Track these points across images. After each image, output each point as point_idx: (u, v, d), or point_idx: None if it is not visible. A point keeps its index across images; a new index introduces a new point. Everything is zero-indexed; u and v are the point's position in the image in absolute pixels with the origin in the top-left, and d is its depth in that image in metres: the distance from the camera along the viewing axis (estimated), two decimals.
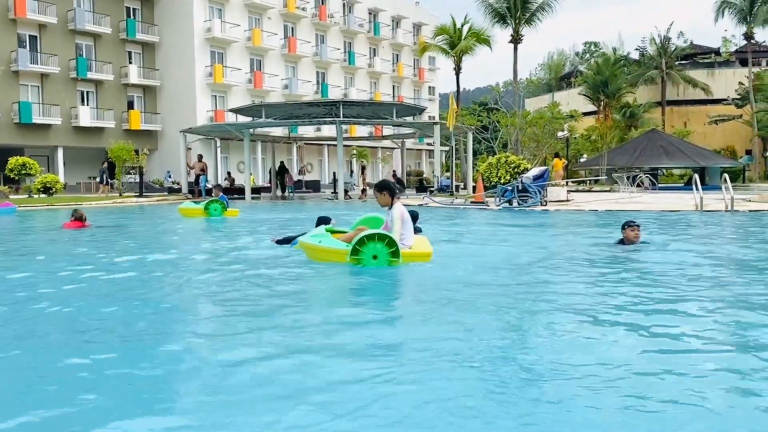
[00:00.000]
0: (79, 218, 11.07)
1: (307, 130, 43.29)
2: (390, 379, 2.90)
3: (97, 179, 31.29)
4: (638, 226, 7.60)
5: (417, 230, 9.10)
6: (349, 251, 6.07)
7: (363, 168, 36.27)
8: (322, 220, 8.09)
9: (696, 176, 16.53)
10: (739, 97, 50.90)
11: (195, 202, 15.93)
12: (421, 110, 32.22)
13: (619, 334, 3.75)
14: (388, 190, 6.53)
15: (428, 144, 51.90)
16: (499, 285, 5.52)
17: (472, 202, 19.83)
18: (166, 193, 31.44)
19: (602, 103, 45.50)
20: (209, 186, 28.65)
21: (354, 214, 7.57)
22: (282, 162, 32.05)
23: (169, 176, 38.53)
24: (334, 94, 49.34)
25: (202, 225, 12.93)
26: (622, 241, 7.66)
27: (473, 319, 4.08)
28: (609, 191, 27.01)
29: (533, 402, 2.62)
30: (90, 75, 39.02)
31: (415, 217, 9.26)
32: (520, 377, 2.91)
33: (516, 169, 21.04)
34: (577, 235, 10.68)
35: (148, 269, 6.74)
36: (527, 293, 5.11)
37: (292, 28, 48.50)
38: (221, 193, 15.66)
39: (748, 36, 48.88)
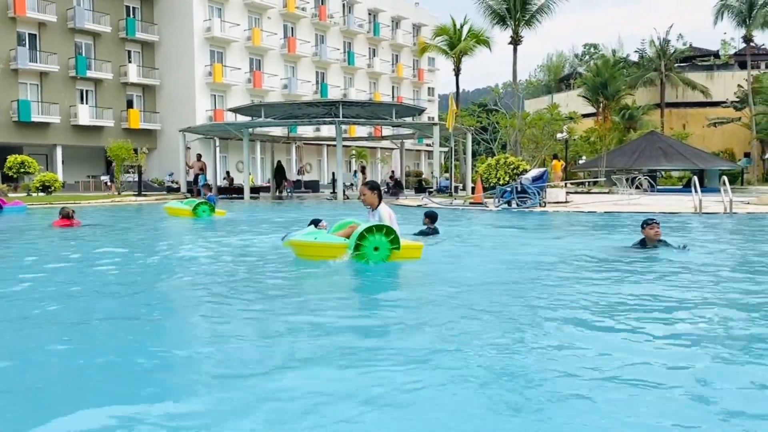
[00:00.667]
0: (66, 216, 11.10)
1: (306, 130, 43.27)
2: (390, 386, 2.89)
3: (108, 178, 31.19)
4: (657, 223, 7.34)
5: (435, 231, 9.16)
6: (352, 247, 6.13)
7: (363, 168, 36.31)
8: (314, 222, 8.15)
9: (695, 178, 16.52)
10: (737, 99, 50.97)
11: (181, 202, 15.79)
12: (420, 111, 32.20)
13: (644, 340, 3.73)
14: (378, 191, 6.80)
15: (427, 145, 51.92)
16: (511, 287, 5.50)
17: (471, 203, 19.82)
18: (165, 193, 31.41)
19: (601, 104, 45.56)
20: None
21: (353, 214, 7.56)
22: (279, 161, 31.89)
23: (169, 177, 38.48)
24: (333, 94, 49.33)
25: (191, 225, 12.86)
26: (643, 241, 7.38)
27: (478, 323, 4.08)
28: (608, 193, 27.03)
29: (539, 409, 2.61)
30: (89, 74, 38.98)
31: (434, 217, 9.34)
32: (526, 382, 2.91)
33: (515, 171, 21.03)
34: (589, 236, 10.67)
35: (124, 268, 6.72)
36: (550, 297, 5.09)
37: (292, 28, 48.49)
38: (209, 193, 15.54)
39: (747, 39, 48.95)
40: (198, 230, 12.01)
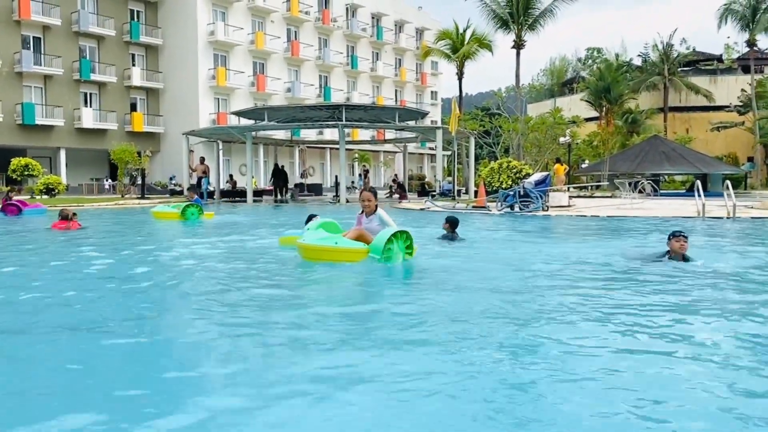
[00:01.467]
0: (65, 217, 11.16)
1: (309, 134, 43.35)
2: (394, 389, 2.89)
3: (129, 182, 31.24)
4: (686, 237, 6.71)
5: (456, 237, 9.23)
6: (380, 252, 6.42)
7: (366, 172, 36.35)
8: (310, 217, 8.39)
9: (698, 183, 16.47)
10: (741, 104, 50.92)
11: (168, 205, 15.79)
12: (423, 114, 32.20)
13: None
14: (377, 197, 7.14)
15: (430, 148, 51.94)
16: (515, 291, 5.49)
17: (473, 207, 19.82)
18: (168, 196, 31.48)
19: (604, 108, 45.51)
20: (211, 188, 28.63)
21: (353, 217, 7.59)
22: (276, 164, 31.65)
23: (172, 180, 38.57)
24: (336, 97, 49.42)
25: (184, 227, 12.81)
26: (668, 253, 6.85)
27: (479, 325, 4.07)
28: (611, 197, 27.00)
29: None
30: (93, 77, 39.14)
31: (455, 223, 9.41)
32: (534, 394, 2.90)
33: (518, 174, 21.04)
34: (593, 241, 10.64)
35: (118, 271, 6.73)
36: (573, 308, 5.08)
37: (295, 32, 48.62)
38: (195, 196, 15.53)
39: (751, 43, 48.92)
40: (188, 232, 11.99)
